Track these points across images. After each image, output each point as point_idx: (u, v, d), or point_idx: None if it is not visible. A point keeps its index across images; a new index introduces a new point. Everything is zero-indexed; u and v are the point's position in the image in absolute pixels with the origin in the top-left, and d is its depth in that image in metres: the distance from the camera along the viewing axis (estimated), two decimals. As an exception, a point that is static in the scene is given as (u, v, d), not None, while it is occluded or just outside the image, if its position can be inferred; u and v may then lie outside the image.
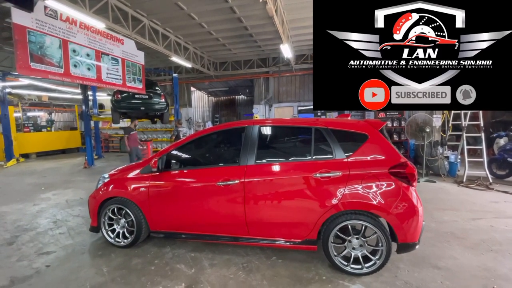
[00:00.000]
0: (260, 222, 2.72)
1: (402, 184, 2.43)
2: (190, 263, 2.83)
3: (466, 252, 2.98)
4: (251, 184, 2.68)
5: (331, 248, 2.55)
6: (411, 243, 2.43)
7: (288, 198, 2.61)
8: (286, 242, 2.69)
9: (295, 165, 2.68)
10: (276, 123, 2.97)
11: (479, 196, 5.17)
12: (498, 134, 7.83)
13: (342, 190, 2.47)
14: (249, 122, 2.91)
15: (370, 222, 2.44)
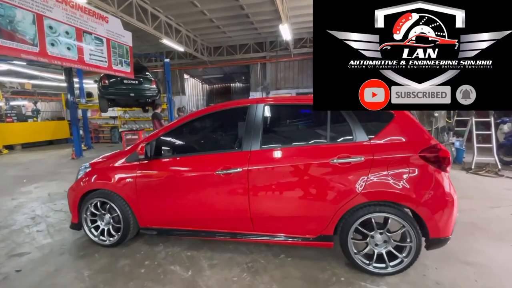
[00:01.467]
0: (266, 216, 2.34)
1: (435, 170, 2.07)
2: (186, 264, 2.46)
3: (494, 245, 2.68)
4: (256, 172, 2.29)
5: (351, 245, 2.20)
6: (444, 238, 2.10)
7: (300, 188, 2.23)
8: (297, 238, 2.33)
9: (308, 150, 2.29)
10: (285, 101, 2.55)
11: (491, 183, 4.91)
12: (502, 120, 7.55)
13: (365, 178, 2.10)
14: (252, 101, 2.48)
15: (397, 215, 2.08)
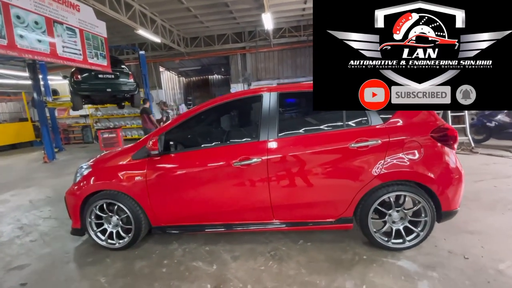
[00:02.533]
0: (287, 204, 2.36)
1: (445, 148, 2.21)
2: (208, 259, 2.41)
3: (488, 214, 2.95)
4: (275, 161, 2.28)
5: (371, 224, 2.30)
6: (454, 210, 2.27)
7: (320, 174, 2.27)
8: (317, 223, 2.38)
9: (325, 136, 2.32)
10: (297, 89, 2.54)
11: (468, 160, 5.36)
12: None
13: (382, 160, 2.18)
14: (264, 90, 2.44)
15: (414, 192, 2.20)
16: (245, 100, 2.54)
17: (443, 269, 2.06)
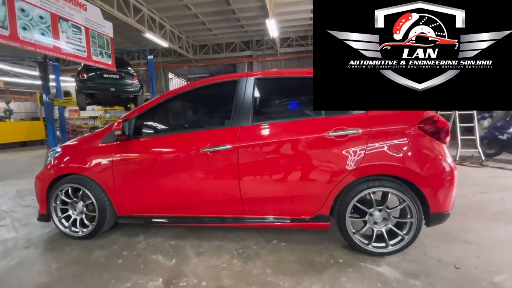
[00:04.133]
0: (258, 197, 2.16)
1: (434, 141, 1.98)
2: (169, 253, 2.22)
3: (489, 224, 2.63)
4: (247, 149, 2.11)
5: (349, 224, 2.06)
6: (445, 213, 2.00)
7: (294, 164, 2.08)
8: (291, 220, 2.16)
9: (302, 124, 2.14)
10: (276, 75, 2.40)
11: (477, 173, 4.98)
12: (482, 116, 7.81)
13: (363, 151, 1.97)
14: (242, 75, 2.31)
15: (398, 189, 1.97)
16: (221, 85, 2.41)
17: (428, 278, 1.79)
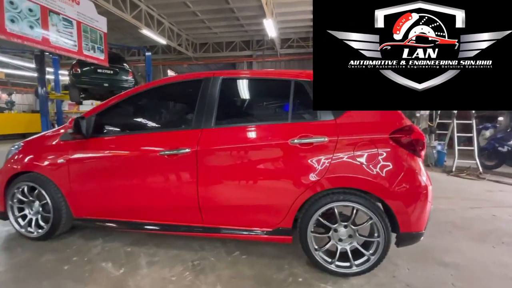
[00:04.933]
0: (218, 206, 2.01)
1: (407, 154, 1.80)
2: (121, 261, 2.08)
3: (474, 245, 2.43)
4: (207, 154, 1.96)
5: (311, 239, 1.89)
6: (416, 233, 1.82)
7: (255, 172, 1.92)
8: (252, 232, 2.00)
9: (266, 129, 1.98)
10: (245, 75, 2.24)
11: (472, 185, 4.75)
12: (484, 125, 7.55)
13: (328, 162, 1.81)
14: (208, 74, 2.16)
15: (364, 205, 1.79)
16: (186, 84, 2.27)
17: (390, 305, 1.61)
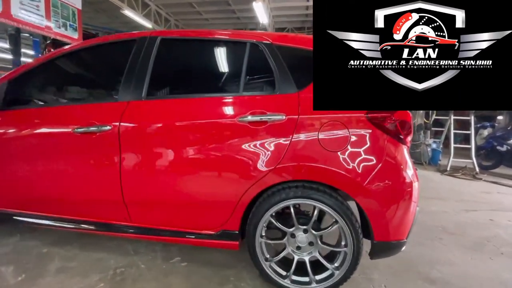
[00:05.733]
0: (146, 201, 1.58)
1: (388, 140, 1.38)
2: (27, 265, 1.65)
3: (468, 256, 2.03)
4: (133, 133, 1.52)
5: (260, 246, 1.47)
6: (396, 243, 1.40)
7: (193, 159, 1.48)
8: (189, 235, 1.57)
9: (210, 103, 1.53)
10: (190, 35, 1.78)
11: (467, 186, 4.36)
12: (483, 124, 7.19)
13: (285, 146, 1.37)
14: (144, 33, 1.70)
15: (328, 204, 1.36)
16: (116, 46, 1.80)
17: None
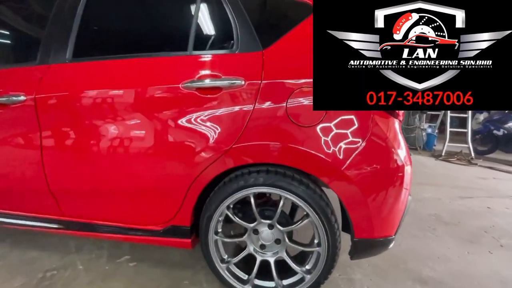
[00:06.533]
0: (76, 190, 1.28)
1: (375, 112, 1.08)
2: None
3: (465, 249, 1.80)
4: (53, 104, 1.20)
5: (215, 244, 1.19)
6: (382, 240, 1.13)
7: (129, 137, 1.17)
8: (132, 232, 1.29)
9: (151, 65, 1.20)
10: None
11: (462, 171, 4.15)
12: (479, 108, 6.96)
13: (244, 120, 1.07)
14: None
15: (298, 193, 1.07)
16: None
17: None
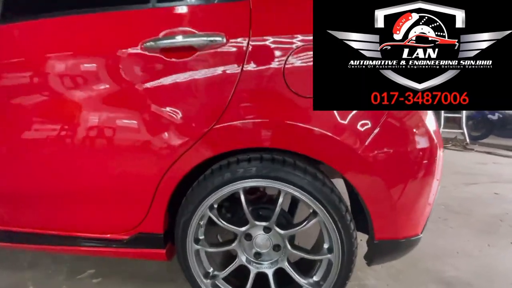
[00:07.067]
0: (18, 192, 0.98)
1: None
2: None
3: (484, 241, 1.61)
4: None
5: (196, 256, 0.93)
6: (407, 240, 0.89)
7: (77, 118, 0.88)
8: (89, 241, 1.01)
9: (104, 23, 0.91)
10: None
11: (460, 157, 4.04)
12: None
13: (228, 92, 0.80)
14: None
15: (302, 186, 0.82)
16: None
17: None
